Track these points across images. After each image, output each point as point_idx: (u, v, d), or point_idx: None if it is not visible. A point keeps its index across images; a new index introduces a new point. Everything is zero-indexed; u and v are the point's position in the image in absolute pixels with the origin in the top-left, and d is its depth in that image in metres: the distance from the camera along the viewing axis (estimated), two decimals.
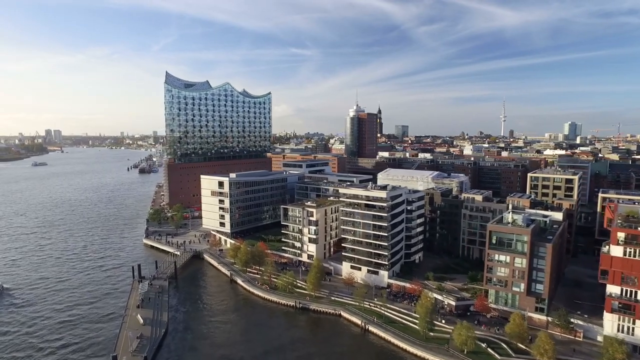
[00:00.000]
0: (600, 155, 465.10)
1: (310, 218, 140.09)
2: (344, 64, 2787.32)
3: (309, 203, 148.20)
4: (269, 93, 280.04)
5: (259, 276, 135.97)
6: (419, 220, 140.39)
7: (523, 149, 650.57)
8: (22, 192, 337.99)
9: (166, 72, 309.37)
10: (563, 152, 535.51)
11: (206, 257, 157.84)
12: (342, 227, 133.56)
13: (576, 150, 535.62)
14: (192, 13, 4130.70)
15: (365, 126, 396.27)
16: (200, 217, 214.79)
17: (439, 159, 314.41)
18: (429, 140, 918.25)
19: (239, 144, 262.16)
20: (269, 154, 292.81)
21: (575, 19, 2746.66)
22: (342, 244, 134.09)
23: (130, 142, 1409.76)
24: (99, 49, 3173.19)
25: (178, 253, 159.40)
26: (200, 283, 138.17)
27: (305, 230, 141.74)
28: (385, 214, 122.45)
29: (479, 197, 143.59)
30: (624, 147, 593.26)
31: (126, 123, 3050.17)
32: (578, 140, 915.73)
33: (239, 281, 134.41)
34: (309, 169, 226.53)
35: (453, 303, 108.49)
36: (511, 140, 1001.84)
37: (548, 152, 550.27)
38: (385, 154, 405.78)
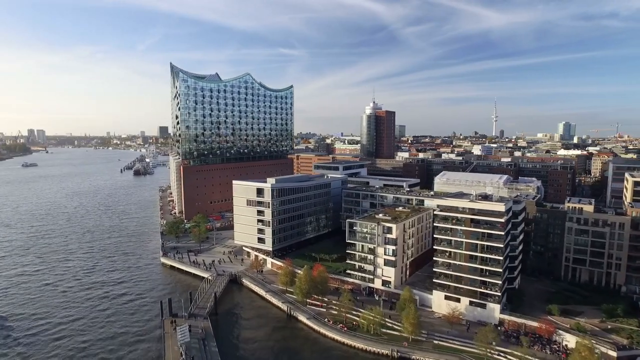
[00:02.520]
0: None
1: (388, 235, 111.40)
2: (332, 64, 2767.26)
3: (380, 216, 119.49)
4: (291, 86, 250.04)
5: (323, 309, 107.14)
6: (520, 237, 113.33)
7: (530, 149, 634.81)
8: (6, 197, 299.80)
9: (170, 63, 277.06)
10: (578, 152, 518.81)
11: (246, 282, 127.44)
12: (435, 247, 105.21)
13: (592, 151, 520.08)
14: (181, 12, 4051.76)
15: (384, 125, 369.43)
16: (222, 228, 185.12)
17: (472, 160, 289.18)
18: (427, 140, 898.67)
19: (259, 143, 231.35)
20: (290, 155, 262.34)
21: (560, 22, 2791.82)
22: (434, 269, 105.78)
23: (118, 142, 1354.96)
24: (84, 48, 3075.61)
25: (210, 277, 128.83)
26: (249, 320, 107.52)
27: (380, 250, 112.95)
28: (502, 232, 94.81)
29: (589, 208, 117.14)
30: (634, 148, 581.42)
31: (112, 123, 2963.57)
32: (575, 140, 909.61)
33: (302, 318, 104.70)
34: (346, 171, 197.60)
35: (614, 354, 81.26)
36: (506, 140, 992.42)
37: (561, 152, 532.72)
38: (405, 155, 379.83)
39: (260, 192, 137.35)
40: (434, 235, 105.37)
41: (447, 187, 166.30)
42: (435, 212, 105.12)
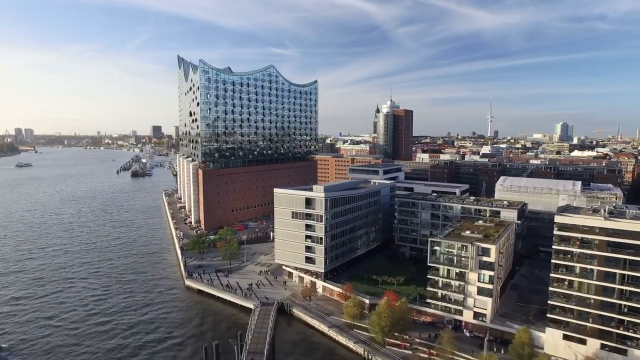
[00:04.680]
0: None
1: (484, 258, 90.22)
2: (324, 64, 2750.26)
3: (467, 233, 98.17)
4: (316, 81, 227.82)
5: (408, 351, 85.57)
6: None
7: (536, 150, 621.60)
8: None
9: (178, 56, 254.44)
10: (592, 153, 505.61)
11: (298, 313, 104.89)
12: (553, 275, 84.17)
13: (608, 152, 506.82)
14: (172, 10, 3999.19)
15: (402, 124, 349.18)
16: (250, 240, 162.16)
17: (505, 162, 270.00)
18: (428, 140, 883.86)
19: (283, 143, 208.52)
20: (313, 157, 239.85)
21: (550, 23, 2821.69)
22: (549, 301, 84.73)
23: (110, 142, 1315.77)
24: (73, 47, 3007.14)
25: (256, 308, 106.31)
26: None
27: (473, 276, 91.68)
28: None
29: None
30: None
31: (102, 122, 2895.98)
32: (575, 141, 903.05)
33: None
34: (386, 175, 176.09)
35: None
36: (504, 140, 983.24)
37: (576, 153, 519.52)
38: (425, 156, 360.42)
39: (309, 202, 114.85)
40: (552, 261, 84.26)
41: (511, 195, 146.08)
42: (555, 233, 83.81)
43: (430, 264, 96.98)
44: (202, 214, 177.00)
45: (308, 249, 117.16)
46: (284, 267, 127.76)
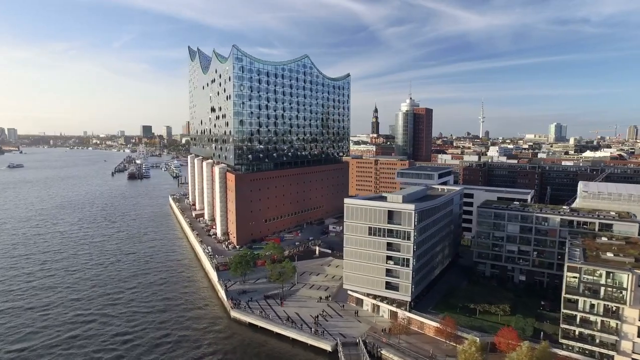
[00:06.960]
0: None
1: None
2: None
3: (609, 256, 78.23)
4: (348, 75, 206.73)
5: None
6: None
7: (540, 151, 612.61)
8: None
9: (189, 47, 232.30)
10: (606, 154, 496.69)
11: (389, 355, 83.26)
12: None
13: (620, 153, 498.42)
14: (158, 9, 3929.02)
15: (423, 123, 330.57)
16: (292, 257, 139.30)
17: (544, 165, 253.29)
18: None
19: (317, 143, 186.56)
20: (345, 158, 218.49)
21: (537, 25, 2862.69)
22: None
23: (98, 142, 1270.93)
24: (56, 44, 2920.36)
25: (328, 348, 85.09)
26: None
27: (631, 314, 71.80)
28: None
29: None
30: None
31: (88, 122, 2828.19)
32: (572, 141, 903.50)
33: None
34: (441, 179, 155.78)
35: None
36: (500, 140, 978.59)
37: (588, 154, 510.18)
38: (447, 157, 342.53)
39: (392, 216, 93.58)
40: None
41: (597, 202, 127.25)
42: None
43: (567, 296, 76.86)
44: (231, 225, 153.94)
45: (389, 272, 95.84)
46: (349, 292, 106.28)
